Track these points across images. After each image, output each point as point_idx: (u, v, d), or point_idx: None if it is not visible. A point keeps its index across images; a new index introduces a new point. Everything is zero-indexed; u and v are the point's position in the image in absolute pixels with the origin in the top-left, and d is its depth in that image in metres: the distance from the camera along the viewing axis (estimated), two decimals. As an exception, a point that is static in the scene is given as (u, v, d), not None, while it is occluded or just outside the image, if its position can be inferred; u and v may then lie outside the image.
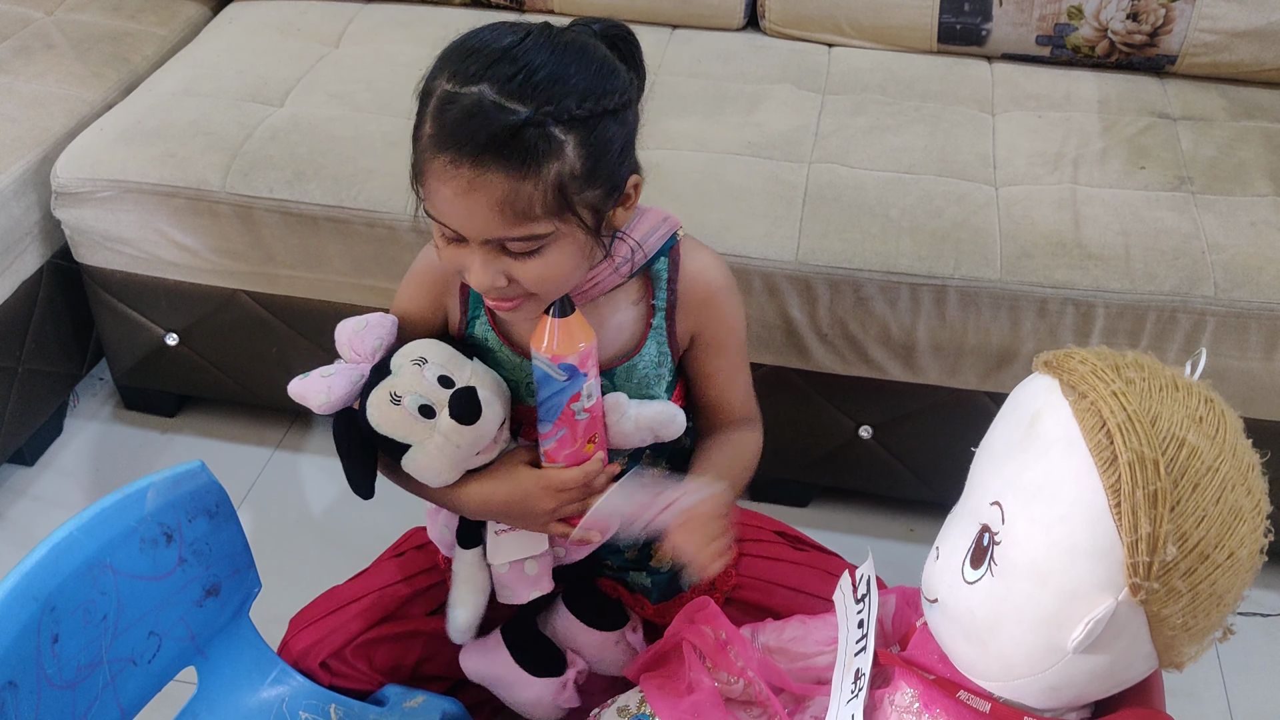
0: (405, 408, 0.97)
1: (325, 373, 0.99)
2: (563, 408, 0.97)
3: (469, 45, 0.90)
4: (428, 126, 0.89)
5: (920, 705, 0.90)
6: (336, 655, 1.14)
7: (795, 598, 1.16)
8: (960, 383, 1.50)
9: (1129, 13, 1.69)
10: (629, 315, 1.04)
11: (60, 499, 1.72)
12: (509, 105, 0.85)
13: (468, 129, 0.86)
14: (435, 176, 0.88)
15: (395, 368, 0.99)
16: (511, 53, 0.87)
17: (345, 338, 1.02)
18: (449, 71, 0.88)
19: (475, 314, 1.05)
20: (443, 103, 0.87)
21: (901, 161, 1.57)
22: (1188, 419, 0.77)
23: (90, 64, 1.82)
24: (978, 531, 0.83)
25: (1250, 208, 1.49)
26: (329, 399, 0.98)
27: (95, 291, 1.71)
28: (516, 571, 1.09)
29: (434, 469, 1.00)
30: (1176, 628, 0.78)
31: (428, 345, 1.01)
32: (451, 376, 0.99)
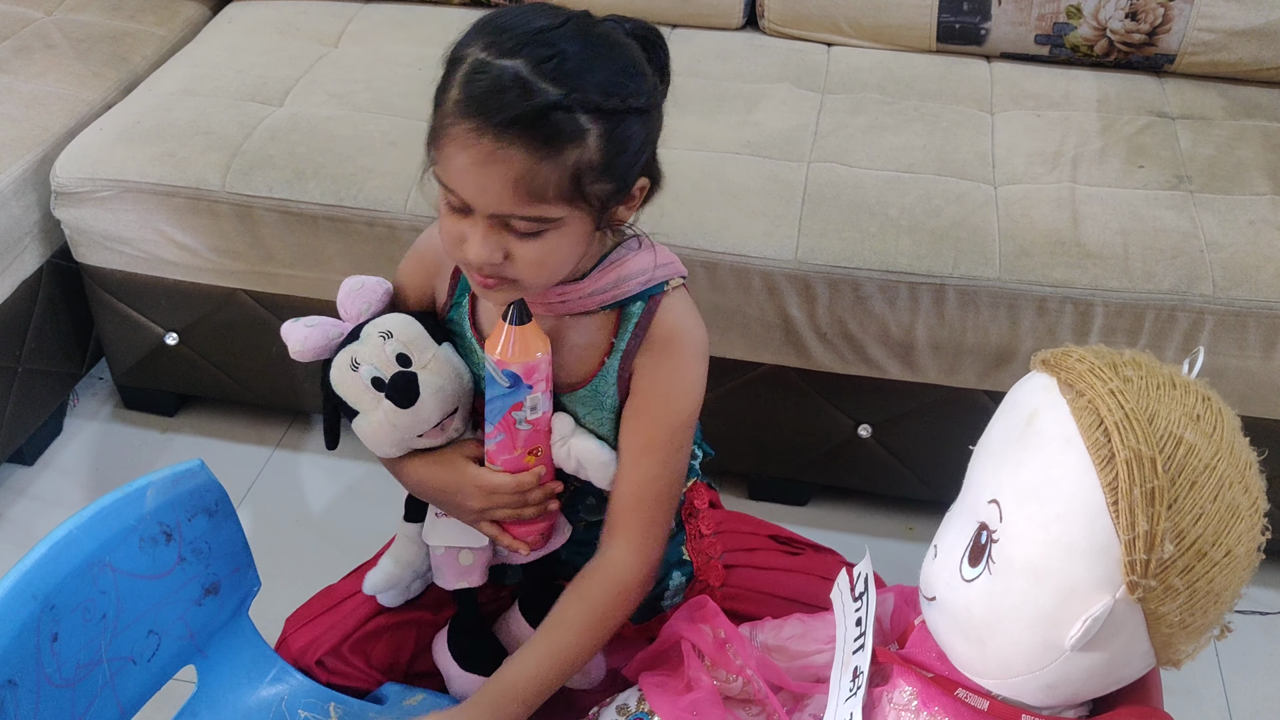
0: (360, 376, 1.01)
1: (310, 323, 1.03)
2: (504, 414, 0.98)
3: (506, 20, 0.89)
4: (454, 91, 0.87)
5: (918, 703, 0.90)
6: (333, 653, 1.14)
7: (789, 608, 1.15)
8: (959, 381, 1.50)
9: (1128, 12, 1.70)
10: (589, 346, 1.00)
11: (60, 498, 1.72)
12: (541, 85, 0.85)
13: (497, 101, 0.85)
14: (455, 142, 0.87)
15: (363, 336, 1.02)
16: (548, 35, 0.87)
17: (342, 295, 1.06)
18: (483, 41, 0.88)
19: (458, 300, 1.05)
20: (474, 70, 0.87)
21: (900, 161, 1.57)
22: (1185, 417, 0.77)
23: (90, 64, 1.82)
24: (975, 530, 0.83)
25: (1248, 207, 1.49)
26: (303, 347, 1.03)
27: (95, 291, 1.71)
28: (450, 557, 1.10)
29: (376, 440, 1.03)
30: (1174, 625, 0.78)
31: (399, 321, 1.03)
32: (411, 356, 1.01)
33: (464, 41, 0.90)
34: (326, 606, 1.18)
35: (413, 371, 1.00)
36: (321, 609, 1.18)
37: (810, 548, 1.25)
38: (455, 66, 0.89)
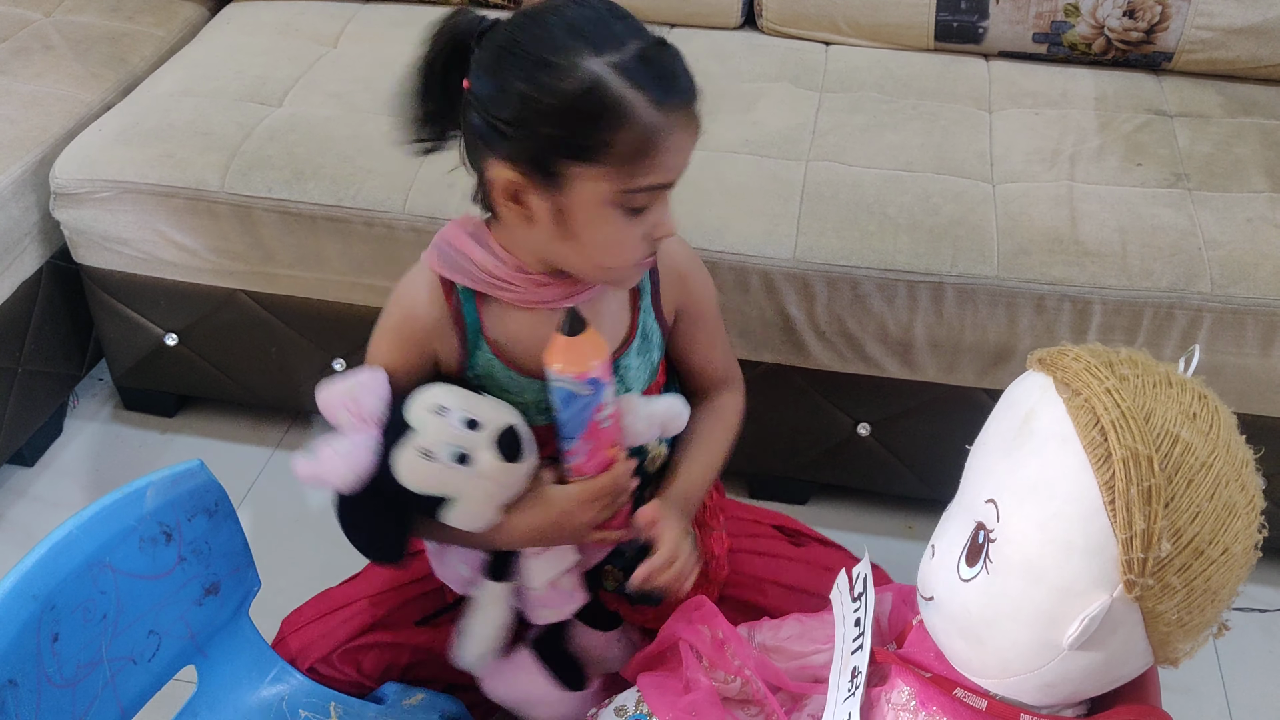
0: (440, 461, 0.94)
1: (339, 450, 0.94)
2: (588, 421, 0.97)
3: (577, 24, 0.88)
4: (635, 96, 0.87)
5: (917, 703, 0.90)
6: (324, 660, 1.15)
7: (788, 595, 1.16)
8: (958, 380, 1.50)
9: (1125, 10, 1.70)
10: (618, 302, 1.05)
11: (60, 499, 1.72)
12: (665, 41, 0.90)
13: (678, 70, 0.90)
14: (677, 131, 0.90)
15: (416, 423, 0.95)
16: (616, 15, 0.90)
17: (339, 402, 0.97)
18: (589, 49, 0.87)
19: (475, 345, 1.03)
20: (632, 69, 0.87)
21: (899, 159, 1.57)
22: (1181, 415, 0.78)
23: (89, 65, 1.83)
24: (973, 529, 0.83)
25: (1246, 204, 1.49)
26: (355, 473, 0.94)
27: (94, 292, 1.71)
28: (554, 590, 1.08)
29: (479, 514, 0.98)
30: (1171, 624, 0.78)
31: (441, 391, 0.98)
32: (475, 418, 0.97)
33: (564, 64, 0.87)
34: (321, 613, 1.19)
35: (510, 424, 0.97)
36: (316, 614, 1.19)
37: (815, 540, 1.25)
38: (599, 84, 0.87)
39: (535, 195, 0.92)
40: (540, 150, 0.89)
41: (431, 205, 1.51)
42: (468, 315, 1.02)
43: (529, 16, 0.90)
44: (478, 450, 0.96)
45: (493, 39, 0.91)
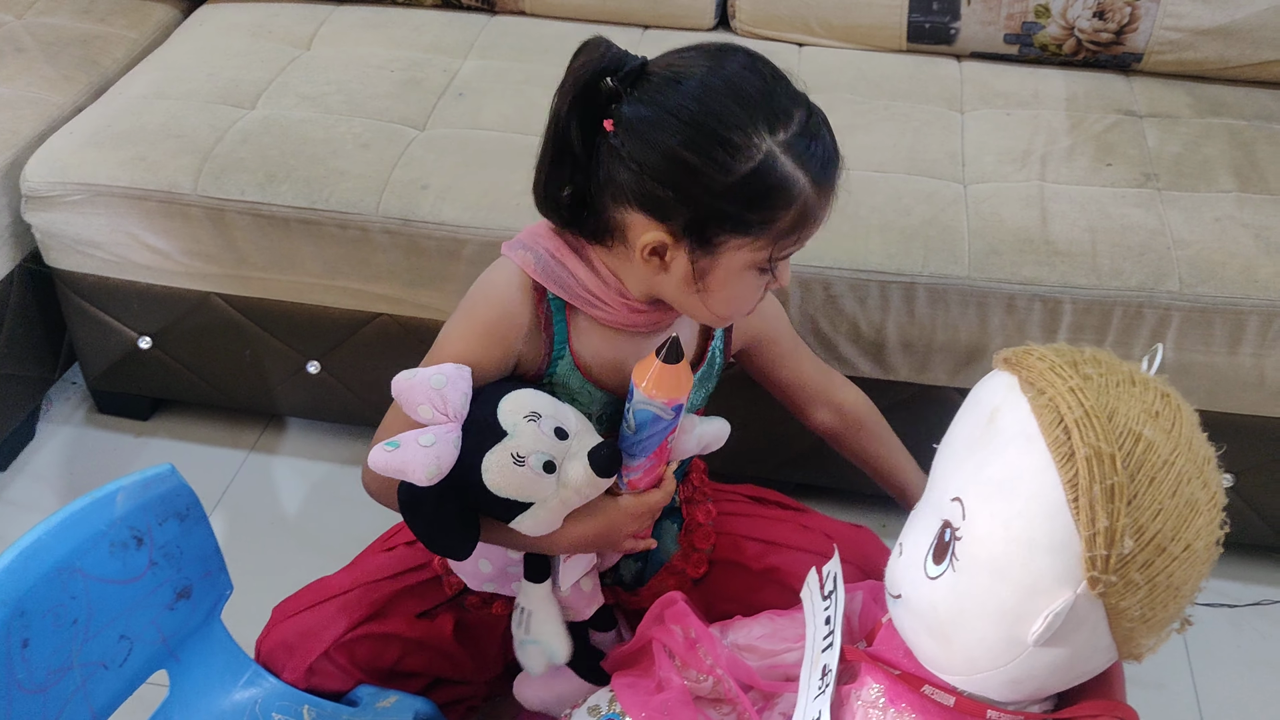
0: (530, 467, 0.95)
1: (424, 441, 0.92)
2: (661, 443, 1.01)
3: (744, 94, 0.90)
4: (802, 177, 0.91)
5: (886, 700, 0.91)
6: (325, 655, 1.15)
7: (765, 549, 1.18)
8: (930, 379, 1.51)
9: (1095, 11, 1.71)
10: (691, 330, 1.10)
11: (33, 504, 1.71)
12: (815, 107, 0.94)
13: (832, 145, 0.94)
14: (823, 207, 0.95)
15: (510, 428, 0.95)
16: (772, 74, 0.93)
17: (423, 397, 0.94)
18: (764, 126, 0.89)
19: (560, 354, 1.03)
20: (800, 147, 0.91)
21: (871, 160, 1.58)
22: (1144, 414, 0.79)
23: (60, 67, 1.82)
24: (939, 527, 0.84)
25: (1214, 204, 1.50)
26: (439, 467, 0.92)
27: (67, 295, 1.70)
28: (577, 592, 1.11)
29: (550, 522, 0.99)
30: (1135, 619, 0.79)
31: (532, 397, 0.98)
32: (565, 428, 0.98)
33: (741, 141, 0.88)
34: (316, 600, 1.19)
35: (609, 441, 0.99)
36: (311, 602, 1.19)
37: (791, 508, 1.27)
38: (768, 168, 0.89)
39: (681, 254, 0.94)
40: (701, 220, 0.91)
41: (404, 207, 1.51)
42: (557, 323, 1.03)
43: (698, 81, 0.90)
44: (566, 461, 0.96)
45: (650, 95, 0.90)
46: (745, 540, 1.21)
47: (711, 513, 1.22)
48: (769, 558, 1.18)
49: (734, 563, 1.19)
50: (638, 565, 1.19)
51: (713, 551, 1.20)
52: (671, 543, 1.19)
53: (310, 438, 1.82)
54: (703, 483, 1.25)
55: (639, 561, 1.18)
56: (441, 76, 1.74)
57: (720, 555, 1.20)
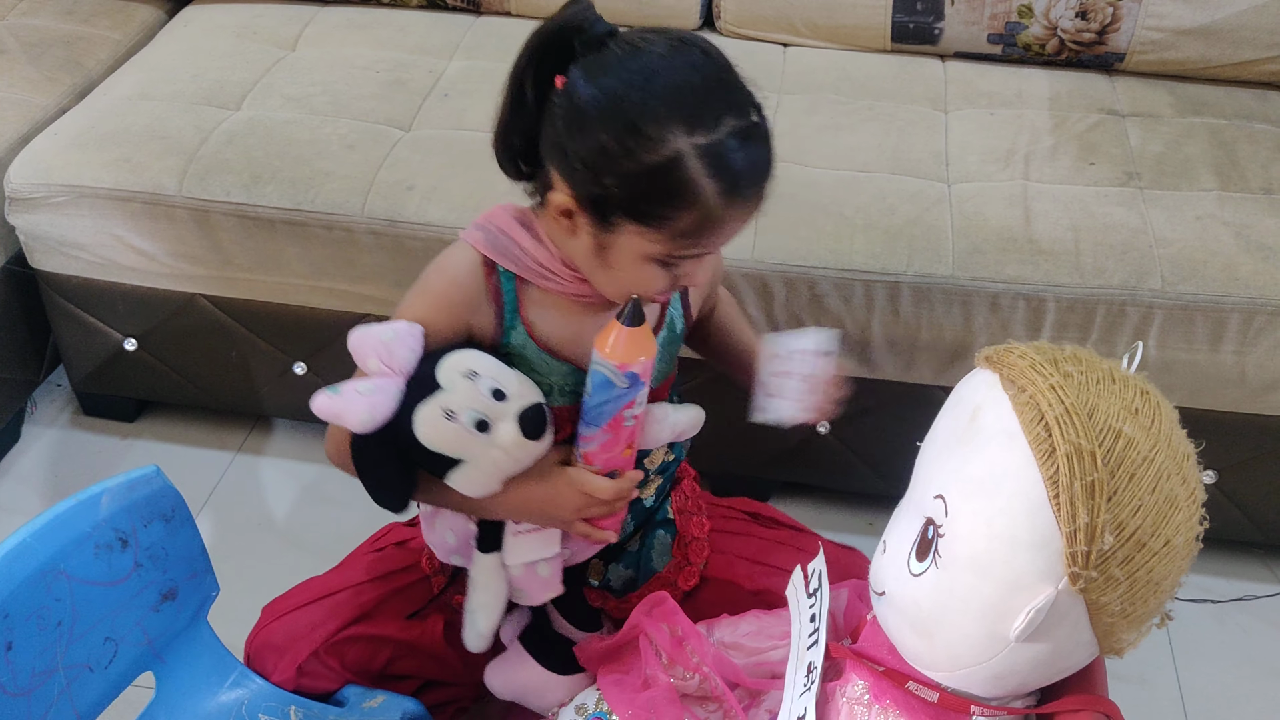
0: (461, 424, 0.95)
1: (362, 390, 0.94)
2: (615, 414, 0.98)
3: (677, 90, 0.88)
4: (708, 185, 0.88)
5: (870, 697, 0.91)
6: (314, 656, 1.15)
7: (759, 570, 1.18)
8: (915, 378, 1.52)
9: (1078, 11, 1.72)
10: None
11: (18, 506, 1.70)
12: (754, 119, 0.91)
13: (757, 163, 0.92)
14: (731, 220, 0.92)
15: (446, 383, 0.96)
16: (717, 76, 0.91)
17: (371, 349, 0.96)
18: (682, 125, 0.87)
19: (512, 324, 1.04)
20: (715, 155, 0.88)
21: (856, 160, 1.59)
22: (1124, 411, 0.79)
23: (44, 68, 1.81)
24: (922, 525, 0.85)
25: (1196, 202, 1.52)
26: (372, 417, 0.94)
27: (51, 297, 1.70)
28: (530, 574, 1.09)
29: (483, 483, 0.99)
30: (1115, 615, 0.79)
31: (474, 357, 0.99)
32: (503, 389, 0.98)
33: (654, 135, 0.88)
34: (305, 601, 1.19)
35: (538, 403, 0.99)
36: (300, 603, 1.18)
37: (785, 525, 1.27)
38: (677, 165, 0.88)
39: (585, 224, 0.94)
40: (603, 199, 0.91)
41: (390, 208, 1.51)
42: (506, 294, 1.03)
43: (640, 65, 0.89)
44: (499, 421, 0.97)
45: (597, 65, 0.90)
46: (739, 560, 1.20)
47: (705, 526, 1.21)
48: (761, 579, 1.17)
49: (726, 581, 1.18)
50: (628, 573, 1.18)
51: (706, 567, 1.20)
52: (665, 553, 1.19)
53: (297, 439, 1.81)
54: (695, 493, 1.24)
55: (629, 569, 1.18)
56: (427, 77, 1.74)
57: (712, 573, 1.20)
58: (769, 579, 1.17)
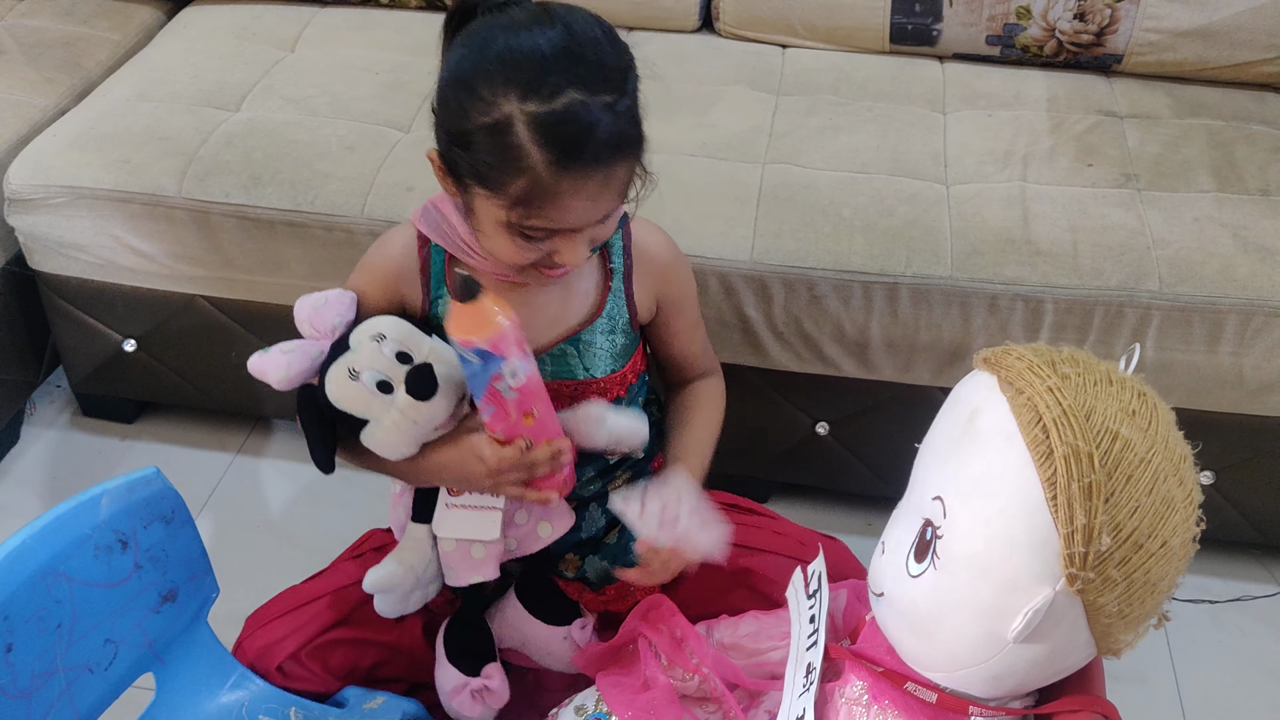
0: (363, 383, 0.99)
1: (285, 349, 1.01)
2: (485, 387, 0.98)
3: (516, 56, 0.89)
4: (535, 154, 0.89)
5: (869, 697, 0.91)
6: (293, 658, 1.15)
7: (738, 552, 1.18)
8: (914, 379, 1.52)
9: (1076, 13, 1.72)
10: (590, 283, 1.11)
11: (18, 508, 1.70)
12: (605, 100, 0.90)
13: (592, 138, 0.89)
14: (567, 194, 0.91)
15: (354, 344, 1.01)
16: (569, 50, 0.90)
17: (305, 314, 1.03)
18: (518, 91, 0.88)
19: (438, 294, 1.08)
20: (545, 124, 0.88)
21: (854, 161, 1.59)
22: (1121, 412, 0.79)
23: (43, 69, 1.81)
24: (921, 526, 0.85)
25: (1194, 204, 1.52)
26: (288, 374, 1.00)
27: (51, 298, 1.70)
28: (463, 552, 1.10)
29: (392, 444, 1.02)
30: (1112, 616, 0.80)
31: (387, 322, 1.03)
32: (409, 353, 1.01)
33: (484, 101, 0.89)
34: (287, 609, 1.19)
35: (428, 363, 1.01)
36: (282, 610, 1.19)
37: (764, 515, 1.27)
38: (506, 129, 0.89)
39: (449, 185, 0.98)
40: (452, 159, 0.95)
41: (390, 209, 1.52)
42: (434, 266, 1.07)
43: (496, 32, 0.91)
44: (399, 382, 1.00)
45: (476, 25, 0.93)
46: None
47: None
48: (741, 560, 1.17)
49: (705, 564, 1.19)
50: (604, 565, 1.19)
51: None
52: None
53: (297, 441, 1.81)
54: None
55: (606, 562, 1.19)
56: (426, 79, 1.72)
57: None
58: (748, 559, 1.18)
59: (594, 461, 1.14)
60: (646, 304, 1.13)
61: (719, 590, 1.16)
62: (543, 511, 1.10)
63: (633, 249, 1.11)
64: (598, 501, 1.17)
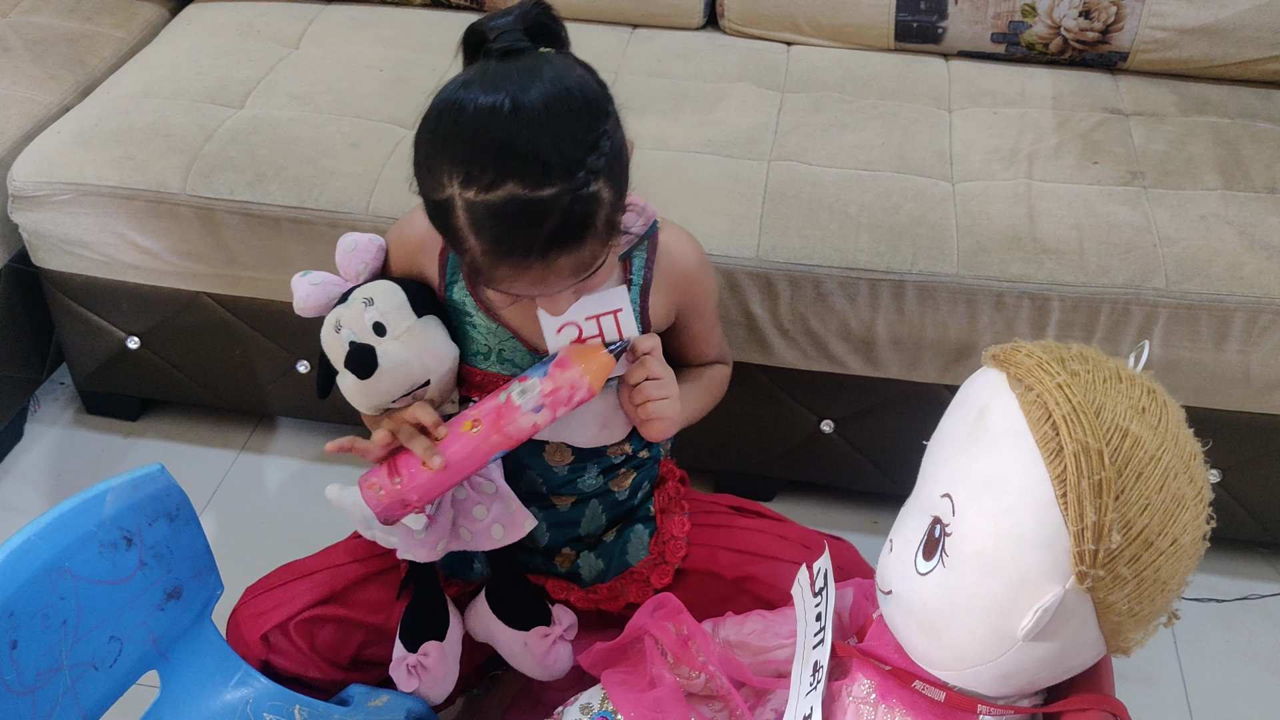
0: (340, 339, 1.05)
1: (314, 280, 1.09)
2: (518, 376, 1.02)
3: (463, 136, 0.87)
4: (472, 241, 0.89)
5: (877, 696, 0.91)
6: (280, 628, 1.15)
7: (741, 559, 1.18)
8: (920, 376, 1.52)
9: (1081, 10, 1.72)
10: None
11: (21, 505, 1.70)
12: (544, 196, 0.86)
13: (523, 235, 0.88)
14: (504, 280, 0.92)
15: (349, 299, 1.06)
16: (512, 140, 0.86)
17: (339, 254, 1.10)
18: (460, 175, 0.87)
19: (453, 279, 1.09)
20: (478, 216, 0.87)
21: (860, 158, 1.59)
22: (1131, 409, 0.79)
23: (47, 66, 1.81)
24: (929, 524, 0.84)
25: (1200, 201, 1.51)
26: (305, 304, 1.08)
27: (55, 295, 1.70)
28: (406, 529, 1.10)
29: (353, 399, 1.07)
30: (1122, 614, 0.79)
31: (383, 289, 1.06)
32: (387, 326, 1.04)
33: (433, 175, 0.89)
34: (283, 580, 1.20)
35: (369, 346, 1.03)
36: (278, 582, 1.20)
37: (769, 517, 1.27)
38: (447, 210, 0.89)
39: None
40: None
41: (395, 206, 1.51)
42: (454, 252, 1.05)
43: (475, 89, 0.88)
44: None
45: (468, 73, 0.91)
46: (720, 550, 1.20)
47: (685, 526, 1.21)
48: (744, 567, 1.18)
49: (708, 572, 1.19)
50: (599, 564, 1.19)
51: (686, 561, 1.20)
52: (641, 548, 1.19)
53: (301, 437, 1.81)
54: (679, 493, 1.24)
55: (601, 560, 1.19)
56: (430, 76, 1.74)
57: (694, 565, 1.20)
58: (751, 566, 1.18)
59: (597, 459, 1.13)
60: (663, 314, 1.12)
61: (722, 598, 1.16)
62: (500, 513, 1.10)
63: (656, 261, 1.09)
64: (599, 498, 1.16)
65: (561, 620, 1.17)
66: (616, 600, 1.19)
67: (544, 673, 1.16)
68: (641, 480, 1.19)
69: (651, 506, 1.21)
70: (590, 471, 1.14)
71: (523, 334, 1.08)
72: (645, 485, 1.20)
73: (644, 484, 1.20)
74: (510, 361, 1.08)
